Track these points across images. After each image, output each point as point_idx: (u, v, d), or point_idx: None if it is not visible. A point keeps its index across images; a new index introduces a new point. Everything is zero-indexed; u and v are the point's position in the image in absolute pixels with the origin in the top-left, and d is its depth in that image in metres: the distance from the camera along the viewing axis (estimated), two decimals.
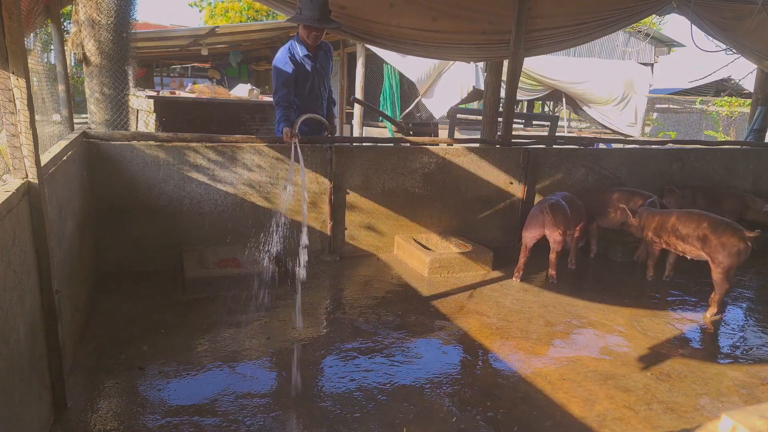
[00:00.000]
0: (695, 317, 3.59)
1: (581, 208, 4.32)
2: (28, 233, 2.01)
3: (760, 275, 4.46)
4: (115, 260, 3.77)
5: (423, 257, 4.07)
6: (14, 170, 1.98)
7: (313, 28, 3.87)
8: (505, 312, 3.49)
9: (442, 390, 2.57)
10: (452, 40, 4.80)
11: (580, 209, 4.30)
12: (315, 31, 3.91)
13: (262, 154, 4.02)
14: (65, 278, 2.54)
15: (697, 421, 2.40)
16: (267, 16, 20.44)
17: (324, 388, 2.56)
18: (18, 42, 1.88)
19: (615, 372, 2.80)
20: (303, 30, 3.92)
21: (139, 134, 4.20)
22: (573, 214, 4.13)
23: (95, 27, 6.31)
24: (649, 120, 15.54)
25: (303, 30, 3.92)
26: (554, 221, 3.91)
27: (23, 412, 1.82)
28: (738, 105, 13.92)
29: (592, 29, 5.00)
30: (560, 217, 3.95)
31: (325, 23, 3.87)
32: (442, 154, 4.56)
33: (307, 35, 3.92)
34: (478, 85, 10.64)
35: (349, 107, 11.87)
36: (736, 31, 5.24)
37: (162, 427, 2.19)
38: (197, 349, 2.83)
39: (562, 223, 3.94)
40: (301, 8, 3.78)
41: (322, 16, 3.80)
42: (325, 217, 4.26)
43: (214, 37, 12.58)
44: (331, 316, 3.40)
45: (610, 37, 10.31)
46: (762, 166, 5.91)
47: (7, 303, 1.70)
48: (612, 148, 6.98)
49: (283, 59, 3.94)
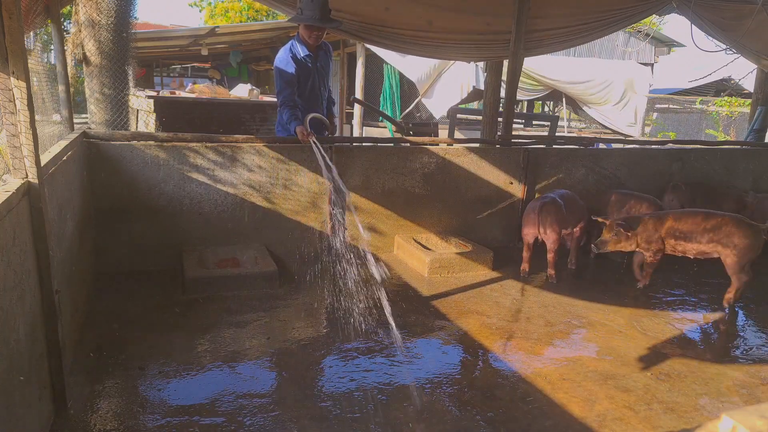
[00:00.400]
0: (695, 317, 3.59)
1: (582, 207, 4.27)
2: (28, 233, 2.01)
3: (760, 275, 4.46)
4: (115, 260, 3.77)
5: (423, 257, 4.07)
6: (14, 170, 1.98)
7: (314, 27, 3.88)
8: (505, 312, 3.49)
9: (442, 390, 2.57)
10: (450, 40, 4.80)
11: (580, 208, 4.25)
12: (316, 31, 3.93)
13: (263, 155, 4.02)
14: (65, 278, 2.54)
15: (697, 421, 2.40)
16: (267, 16, 20.45)
17: (324, 388, 2.56)
18: (18, 42, 1.88)
19: (615, 372, 2.80)
20: (304, 30, 3.92)
21: (139, 134, 4.20)
22: (570, 213, 4.08)
23: (95, 27, 6.32)
24: (649, 120, 15.54)
25: (304, 30, 3.92)
26: (546, 221, 3.87)
27: (23, 412, 1.82)
28: (738, 105, 13.92)
29: (593, 29, 5.00)
30: (553, 217, 3.90)
31: (327, 22, 3.89)
32: (442, 154, 4.56)
33: (309, 35, 3.93)
34: (478, 85, 10.64)
35: (349, 107, 11.87)
36: (736, 31, 5.24)
37: (162, 427, 2.19)
38: (197, 349, 2.83)
39: (556, 223, 3.90)
40: (302, 8, 3.79)
41: (323, 15, 3.82)
42: (325, 217, 4.25)
43: (214, 37, 12.58)
44: (331, 316, 3.39)
45: (610, 37, 10.31)
46: (762, 166, 5.91)
47: (7, 303, 1.70)
48: (612, 148, 6.98)
49: (285, 59, 3.95)
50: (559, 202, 4.00)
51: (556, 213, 3.94)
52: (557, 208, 3.96)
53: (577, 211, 4.20)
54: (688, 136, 14.17)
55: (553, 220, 3.91)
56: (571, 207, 4.12)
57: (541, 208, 3.95)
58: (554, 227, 3.92)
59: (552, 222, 3.91)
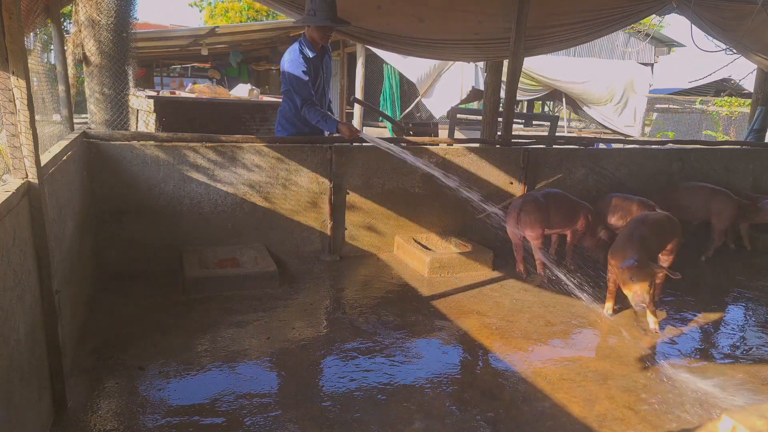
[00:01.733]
0: (695, 317, 3.59)
1: (575, 207, 4.13)
2: (28, 233, 2.01)
3: (760, 275, 4.46)
4: (115, 260, 3.77)
5: (423, 257, 4.07)
6: (14, 170, 1.98)
7: (328, 29, 3.92)
8: (505, 312, 3.49)
9: (442, 390, 2.57)
10: (446, 40, 4.80)
11: (573, 208, 4.11)
12: (330, 32, 3.99)
13: (263, 155, 4.02)
14: (65, 278, 2.54)
15: (697, 421, 2.40)
16: (267, 16, 20.46)
17: (324, 388, 2.56)
18: (18, 42, 1.88)
19: (615, 372, 2.80)
20: (317, 31, 3.93)
21: (139, 134, 4.20)
22: (558, 213, 3.97)
23: (95, 27, 6.31)
24: (649, 120, 15.55)
25: (317, 31, 3.93)
26: (527, 221, 3.80)
27: (23, 413, 1.82)
28: (738, 105, 13.93)
29: (593, 29, 5.00)
30: (533, 216, 3.81)
31: (340, 23, 3.96)
32: (442, 154, 4.56)
33: (321, 36, 3.97)
34: (478, 85, 10.66)
35: (349, 107, 11.88)
36: (736, 31, 5.24)
37: (162, 427, 2.19)
38: (197, 349, 2.83)
39: (537, 222, 3.81)
40: (315, 9, 3.81)
41: (336, 16, 3.88)
42: (325, 217, 4.26)
43: (214, 37, 12.58)
44: (331, 316, 3.39)
45: (610, 37, 10.33)
46: (762, 166, 5.91)
47: (7, 303, 1.70)
48: (612, 148, 6.97)
49: (297, 60, 3.96)
50: (541, 201, 3.89)
51: (536, 212, 3.83)
52: (537, 206, 3.85)
53: (568, 211, 4.08)
54: (688, 136, 14.18)
55: (533, 219, 3.82)
56: (559, 206, 4.00)
57: (521, 207, 3.89)
58: (534, 227, 3.84)
59: (533, 222, 3.82)
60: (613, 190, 4.81)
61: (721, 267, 4.63)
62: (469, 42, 4.89)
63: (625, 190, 4.79)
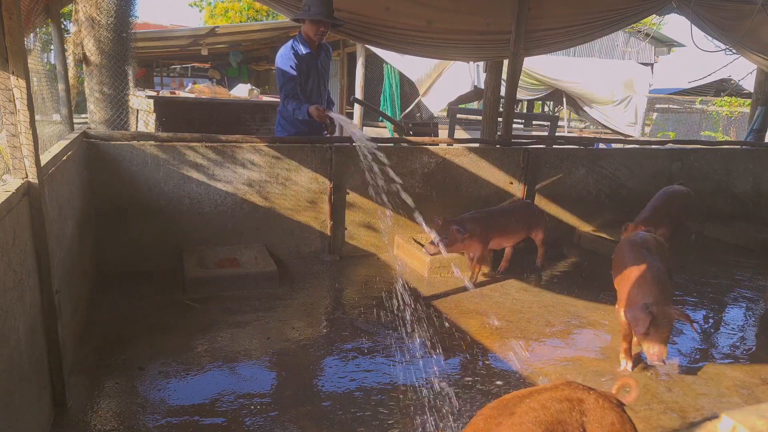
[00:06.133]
0: (695, 317, 3.59)
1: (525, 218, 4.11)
2: (28, 233, 2.01)
3: (760, 275, 4.46)
4: (115, 260, 3.77)
5: (423, 257, 4.06)
6: (14, 170, 1.98)
7: (321, 23, 3.92)
8: (505, 312, 3.49)
9: (442, 390, 2.57)
10: (450, 40, 4.80)
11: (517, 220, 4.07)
12: (323, 27, 3.97)
13: (262, 154, 4.02)
14: (65, 278, 2.54)
15: (697, 421, 2.40)
16: (267, 16, 20.45)
17: (324, 388, 2.56)
18: (18, 42, 1.88)
19: (615, 372, 2.80)
20: (310, 27, 3.94)
21: (139, 134, 4.20)
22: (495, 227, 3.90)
23: (95, 26, 6.31)
24: (649, 120, 15.54)
25: (310, 27, 3.94)
26: None
27: (23, 412, 1.82)
28: (738, 105, 13.92)
29: (593, 29, 4.99)
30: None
31: (333, 18, 3.95)
32: (442, 154, 4.56)
33: (315, 32, 3.96)
34: (478, 85, 10.64)
35: (349, 107, 11.87)
36: (736, 31, 5.24)
37: (162, 427, 2.19)
38: (197, 349, 2.83)
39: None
40: (309, 5, 3.84)
41: (329, 11, 3.88)
42: (325, 217, 4.25)
43: (214, 37, 12.57)
44: (331, 316, 3.39)
45: (610, 37, 10.33)
46: (762, 166, 5.91)
47: (7, 303, 1.70)
48: (612, 148, 6.97)
49: (287, 55, 3.97)
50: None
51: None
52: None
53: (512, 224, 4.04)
54: (688, 136, 14.18)
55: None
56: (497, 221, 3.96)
57: None
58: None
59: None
60: (613, 190, 4.81)
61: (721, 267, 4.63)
62: (471, 42, 4.89)
63: (625, 190, 4.79)
